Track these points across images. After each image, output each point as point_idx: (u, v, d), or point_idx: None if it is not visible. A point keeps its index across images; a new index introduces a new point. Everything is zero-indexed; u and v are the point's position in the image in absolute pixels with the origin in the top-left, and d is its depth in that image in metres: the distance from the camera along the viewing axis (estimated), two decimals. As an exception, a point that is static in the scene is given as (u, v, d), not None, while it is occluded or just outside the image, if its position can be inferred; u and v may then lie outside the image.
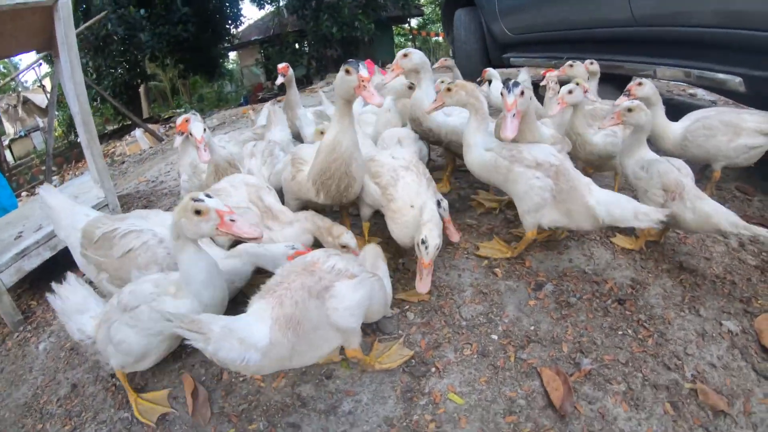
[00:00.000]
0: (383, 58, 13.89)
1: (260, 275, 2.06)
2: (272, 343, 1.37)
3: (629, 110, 2.14)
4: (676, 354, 1.77)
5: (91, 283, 2.26)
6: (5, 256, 2.64)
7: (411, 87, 2.80)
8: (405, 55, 2.59)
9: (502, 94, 2.00)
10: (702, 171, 2.80)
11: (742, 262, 2.24)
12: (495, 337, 1.88)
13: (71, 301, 1.84)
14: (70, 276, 1.88)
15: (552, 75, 3.21)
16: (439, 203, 2.07)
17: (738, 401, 1.62)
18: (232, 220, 1.50)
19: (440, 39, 19.11)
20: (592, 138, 2.53)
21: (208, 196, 1.53)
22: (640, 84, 2.49)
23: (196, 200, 1.49)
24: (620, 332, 1.85)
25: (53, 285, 1.85)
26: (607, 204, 2.00)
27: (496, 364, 1.76)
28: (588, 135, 2.53)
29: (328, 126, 2.35)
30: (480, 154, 2.16)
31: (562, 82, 2.95)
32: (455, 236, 2.20)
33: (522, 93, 1.97)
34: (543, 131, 2.36)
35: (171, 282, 1.69)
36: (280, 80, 3.37)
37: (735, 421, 1.55)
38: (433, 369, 1.77)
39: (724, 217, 1.94)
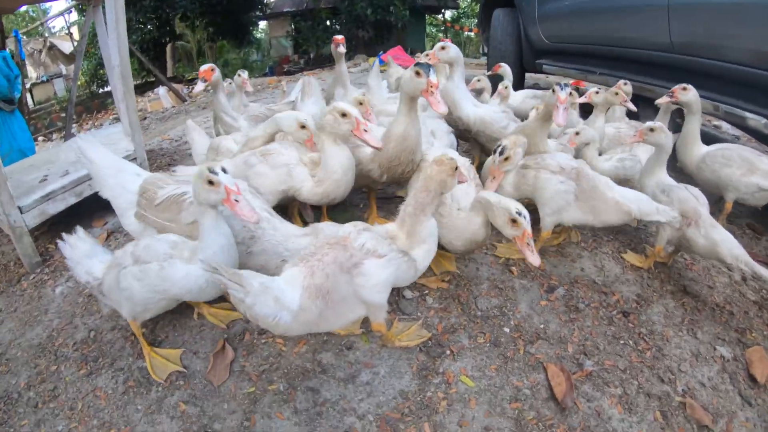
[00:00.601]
0: (413, 46, 13.86)
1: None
2: (302, 308, 1.48)
3: (651, 130, 2.24)
4: (671, 369, 1.89)
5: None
6: (30, 198, 2.67)
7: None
8: (443, 48, 2.75)
9: (553, 90, 2.20)
10: (716, 203, 2.91)
11: (742, 296, 2.36)
12: (507, 329, 1.99)
13: (80, 247, 1.94)
14: (79, 229, 2.00)
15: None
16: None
17: (722, 420, 1.74)
18: (236, 200, 1.61)
19: (472, 34, 18.99)
20: (601, 164, 2.68)
21: (224, 170, 1.62)
22: (684, 89, 2.57)
23: (211, 172, 1.58)
24: (622, 341, 1.97)
25: (63, 235, 1.96)
26: (631, 198, 2.17)
27: (506, 355, 1.88)
28: (596, 160, 2.68)
29: (365, 95, 2.60)
30: None
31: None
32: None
33: (571, 93, 2.27)
34: (550, 143, 2.53)
35: (188, 247, 1.74)
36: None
37: None
38: (448, 351, 1.88)
39: (728, 247, 2.05)
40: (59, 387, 1.93)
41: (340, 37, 3.37)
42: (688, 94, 2.57)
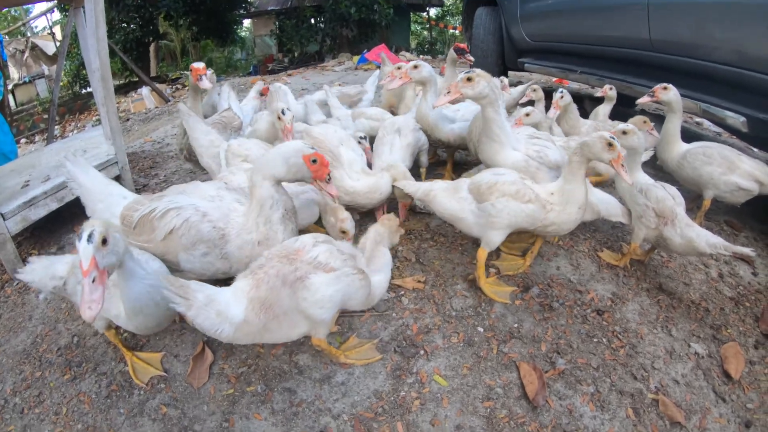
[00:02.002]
0: (397, 44, 13.96)
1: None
2: (245, 321, 1.53)
3: (624, 133, 2.30)
4: (644, 366, 1.95)
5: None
6: (12, 204, 2.65)
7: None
8: (415, 67, 2.71)
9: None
10: (694, 200, 2.98)
11: (718, 292, 2.42)
12: (481, 329, 2.05)
13: (37, 265, 1.91)
14: (31, 258, 1.96)
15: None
16: None
17: (695, 417, 1.80)
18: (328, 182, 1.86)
19: (457, 32, 19.12)
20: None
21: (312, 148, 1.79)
22: (665, 88, 2.64)
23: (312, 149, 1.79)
24: (595, 340, 2.03)
25: (17, 272, 1.97)
26: (602, 199, 2.38)
27: (479, 354, 1.93)
28: None
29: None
30: (510, 153, 2.35)
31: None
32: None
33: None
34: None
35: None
36: (206, 84, 2.86)
37: None
38: (422, 352, 1.94)
39: (704, 240, 2.13)
40: (44, 392, 1.97)
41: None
42: (669, 93, 2.64)
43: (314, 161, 1.78)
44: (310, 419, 1.71)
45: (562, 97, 3.08)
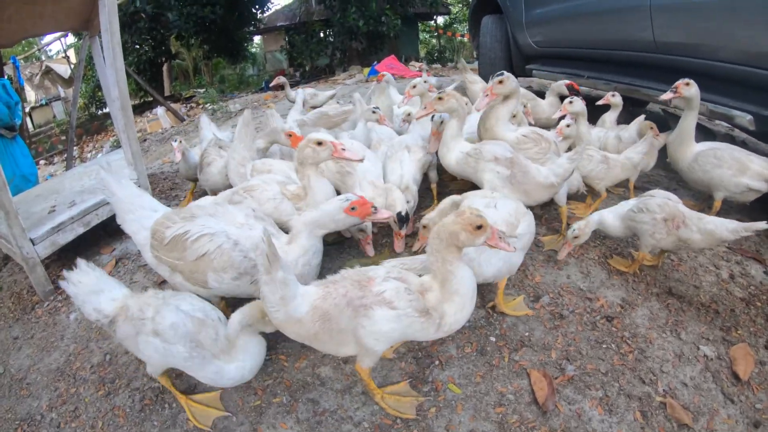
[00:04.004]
0: (407, 54, 14.17)
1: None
2: (300, 321, 1.69)
3: (439, 99, 2.60)
4: (652, 370, 2.05)
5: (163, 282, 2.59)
6: (42, 229, 2.85)
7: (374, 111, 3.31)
8: (440, 98, 2.72)
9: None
10: (705, 201, 3.08)
11: (729, 293, 2.51)
12: (493, 338, 2.19)
13: (84, 283, 1.93)
14: (81, 262, 1.98)
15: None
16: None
17: (703, 418, 1.89)
18: (343, 149, 2.28)
19: (465, 39, 19.28)
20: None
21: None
22: (687, 84, 2.73)
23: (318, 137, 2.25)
24: (604, 345, 2.16)
25: (64, 272, 1.95)
26: (546, 173, 2.53)
27: (491, 363, 2.08)
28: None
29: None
30: (456, 155, 2.66)
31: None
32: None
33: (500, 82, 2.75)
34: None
35: (220, 339, 1.85)
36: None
37: None
38: (437, 361, 2.09)
39: (724, 227, 2.25)
40: (80, 407, 2.14)
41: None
42: (691, 89, 2.73)
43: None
44: (332, 427, 1.87)
45: (571, 102, 3.20)
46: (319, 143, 2.29)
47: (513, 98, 2.80)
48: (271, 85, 3.97)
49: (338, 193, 2.78)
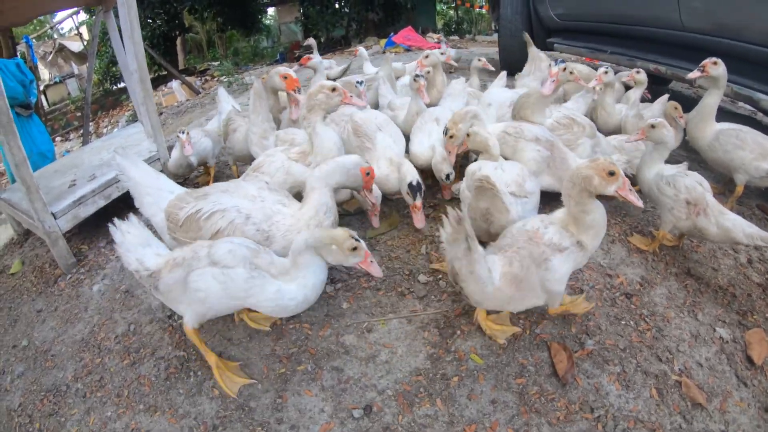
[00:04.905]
0: (424, 25, 14.02)
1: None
2: (499, 288, 1.84)
3: (652, 127, 2.45)
4: (669, 349, 2.12)
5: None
6: (63, 203, 2.94)
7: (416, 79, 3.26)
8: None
9: (550, 65, 2.66)
10: (726, 185, 3.11)
11: (746, 278, 2.57)
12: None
13: (132, 234, 1.99)
14: (133, 216, 2.04)
15: None
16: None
17: (716, 399, 1.96)
18: (351, 96, 2.44)
19: (483, 11, 19.04)
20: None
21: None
22: (715, 63, 2.75)
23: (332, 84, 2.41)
24: (623, 322, 2.23)
25: (115, 220, 2.00)
26: None
27: (513, 334, 2.15)
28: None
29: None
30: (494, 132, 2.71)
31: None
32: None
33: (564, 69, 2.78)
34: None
35: (274, 262, 1.91)
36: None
37: (710, 416, 1.90)
38: (459, 332, 2.17)
39: (741, 230, 2.27)
40: (105, 377, 2.23)
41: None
42: (719, 68, 2.75)
43: (368, 174, 2.25)
44: (357, 395, 1.96)
45: (606, 72, 3.28)
46: (333, 89, 2.43)
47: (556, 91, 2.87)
48: (301, 60, 4.04)
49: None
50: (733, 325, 2.28)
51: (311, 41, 5.64)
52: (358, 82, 3.52)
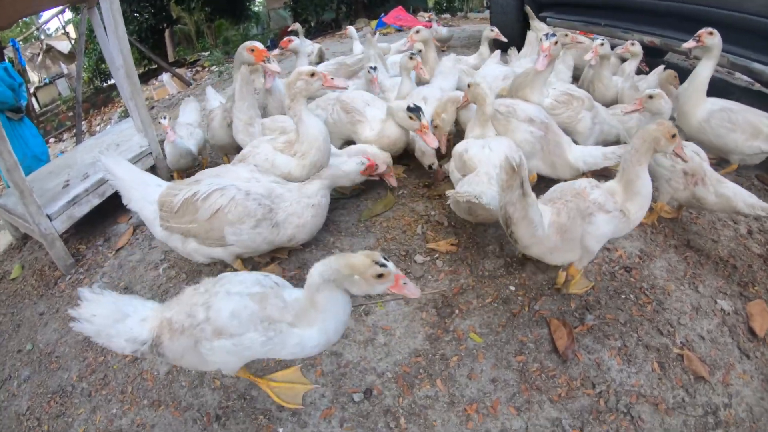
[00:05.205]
0: (415, 4, 13.89)
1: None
2: (546, 235, 1.93)
3: (650, 97, 2.44)
4: (670, 322, 2.12)
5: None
6: (57, 204, 2.92)
7: (411, 57, 3.28)
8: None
9: (540, 39, 2.62)
10: (718, 163, 3.08)
11: (747, 249, 2.56)
12: (512, 288, 2.27)
13: (100, 315, 1.65)
14: (82, 291, 1.68)
15: None
16: None
17: (719, 372, 1.96)
18: (332, 78, 2.36)
19: None
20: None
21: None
22: (711, 33, 2.70)
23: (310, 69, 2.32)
24: (623, 296, 2.23)
25: (70, 311, 1.64)
26: (578, 156, 2.58)
27: (511, 311, 2.16)
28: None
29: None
30: None
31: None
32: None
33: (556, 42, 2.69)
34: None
35: (287, 307, 1.61)
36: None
37: (713, 389, 1.90)
38: (457, 311, 2.18)
39: (742, 199, 2.26)
40: (108, 375, 2.25)
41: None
42: (714, 38, 2.70)
43: (369, 167, 2.50)
44: (356, 378, 1.97)
45: (602, 44, 3.25)
46: (312, 74, 2.35)
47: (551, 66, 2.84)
48: (281, 43, 3.99)
49: (351, 142, 3.01)
50: (734, 296, 2.28)
51: (297, 26, 5.68)
52: (371, 67, 3.44)
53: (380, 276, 1.46)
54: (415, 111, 2.60)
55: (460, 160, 2.33)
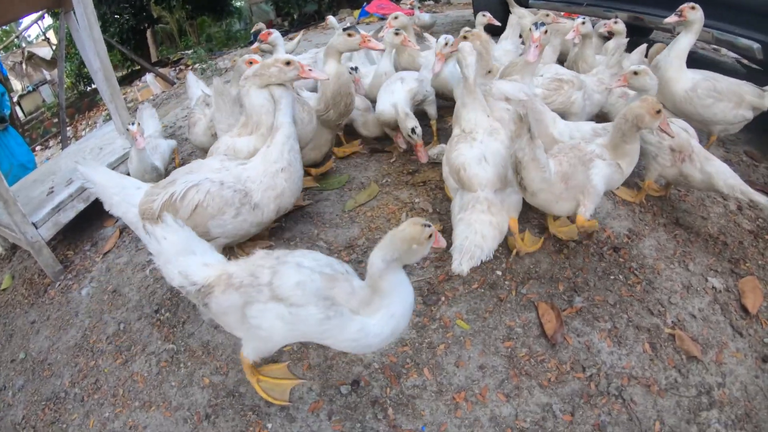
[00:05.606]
0: (397, -8, 13.82)
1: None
2: (553, 182, 2.02)
3: (635, 73, 2.42)
4: (661, 302, 2.11)
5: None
6: (42, 212, 2.91)
7: (397, 33, 3.31)
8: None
9: (530, 29, 2.55)
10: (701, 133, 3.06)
11: (737, 225, 2.55)
12: (499, 272, 2.26)
13: (170, 241, 1.70)
14: (167, 216, 1.75)
15: None
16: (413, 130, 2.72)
17: (711, 351, 1.96)
18: (310, 70, 2.27)
19: None
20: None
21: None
22: (693, 7, 2.68)
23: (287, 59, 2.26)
24: (612, 277, 2.22)
25: (147, 226, 1.74)
26: (569, 131, 2.56)
27: (499, 297, 2.15)
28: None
29: None
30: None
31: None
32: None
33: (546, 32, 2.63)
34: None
35: (354, 292, 1.58)
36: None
37: (706, 368, 1.89)
38: (443, 298, 2.17)
39: (723, 178, 2.24)
40: (100, 379, 2.25)
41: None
42: (696, 13, 2.69)
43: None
44: (343, 371, 1.97)
45: (583, 23, 3.23)
46: (288, 63, 2.29)
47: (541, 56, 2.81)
48: (260, 36, 3.95)
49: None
50: (725, 274, 2.27)
51: (260, 25, 5.68)
52: (352, 68, 3.34)
53: (430, 236, 1.50)
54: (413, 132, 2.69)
55: (456, 176, 2.25)
